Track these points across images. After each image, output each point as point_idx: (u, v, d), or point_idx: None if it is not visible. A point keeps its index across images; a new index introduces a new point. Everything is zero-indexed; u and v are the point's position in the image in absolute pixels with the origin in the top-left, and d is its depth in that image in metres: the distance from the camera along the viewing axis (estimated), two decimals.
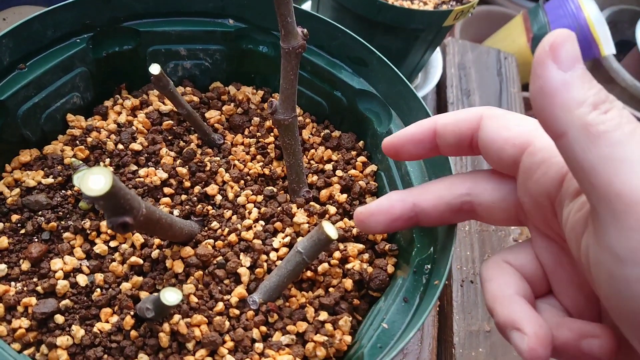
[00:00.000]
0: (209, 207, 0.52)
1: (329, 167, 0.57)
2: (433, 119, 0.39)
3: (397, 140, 0.41)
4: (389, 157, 0.43)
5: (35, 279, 0.45)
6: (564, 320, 0.35)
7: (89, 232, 0.48)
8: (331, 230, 0.41)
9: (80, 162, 0.50)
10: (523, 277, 0.37)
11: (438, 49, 1.10)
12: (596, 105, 0.26)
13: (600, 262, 0.27)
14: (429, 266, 0.46)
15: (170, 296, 0.37)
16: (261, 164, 0.58)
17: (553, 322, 0.34)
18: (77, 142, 0.54)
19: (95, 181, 0.31)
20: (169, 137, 0.57)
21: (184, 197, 0.52)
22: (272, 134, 0.60)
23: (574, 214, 0.31)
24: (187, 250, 0.47)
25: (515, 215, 0.38)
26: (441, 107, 1.13)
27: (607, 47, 1.57)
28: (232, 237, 0.49)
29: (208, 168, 0.55)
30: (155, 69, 0.48)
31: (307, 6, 1.06)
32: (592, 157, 0.26)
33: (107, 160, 0.53)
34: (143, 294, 0.45)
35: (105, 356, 0.42)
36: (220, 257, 0.48)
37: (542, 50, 0.27)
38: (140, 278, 0.46)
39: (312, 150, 0.59)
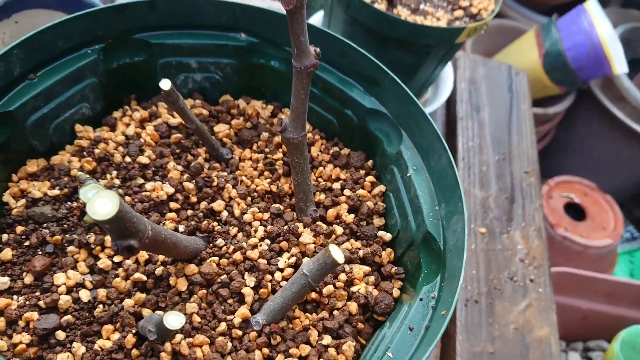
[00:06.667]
0: (215, 224, 0.51)
1: (337, 185, 0.57)
2: None
3: None
4: None
5: (37, 293, 0.45)
6: None
7: (93, 246, 0.47)
8: (338, 254, 0.41)
9: (87, 175, 0.50)
10: None
11: (449, 63, 1.09)
12: None
13: None
14: (435, 294, 0.45)
15: (174, 320, 0.36)
16: (268, 180, 0.57)
17: None
18: (85, 153, 0.54)
19: (102, 205, 0.30)
20: (177, 151, 0.57)
21: (190, 212, 0.52)
22: (280, 150, 0.60)
23: None
24: (192, 268, 0.47)
25: None
26: (451, 121, 1.12)
27: (619, 65, 1.55)
28: (237, 256, 0.48)
29: (215, 183, 0.54)
30: (165, 84, 0.47)
31: (318, 17, 1.05)
32: None
33: (114, 173, 0.52)
34: (146, 312, 0.45)
35: None
36: (225, 276, 0.47)
37: None
38: (144, 295, 0.46)
39: (321, 168, 0.59)
